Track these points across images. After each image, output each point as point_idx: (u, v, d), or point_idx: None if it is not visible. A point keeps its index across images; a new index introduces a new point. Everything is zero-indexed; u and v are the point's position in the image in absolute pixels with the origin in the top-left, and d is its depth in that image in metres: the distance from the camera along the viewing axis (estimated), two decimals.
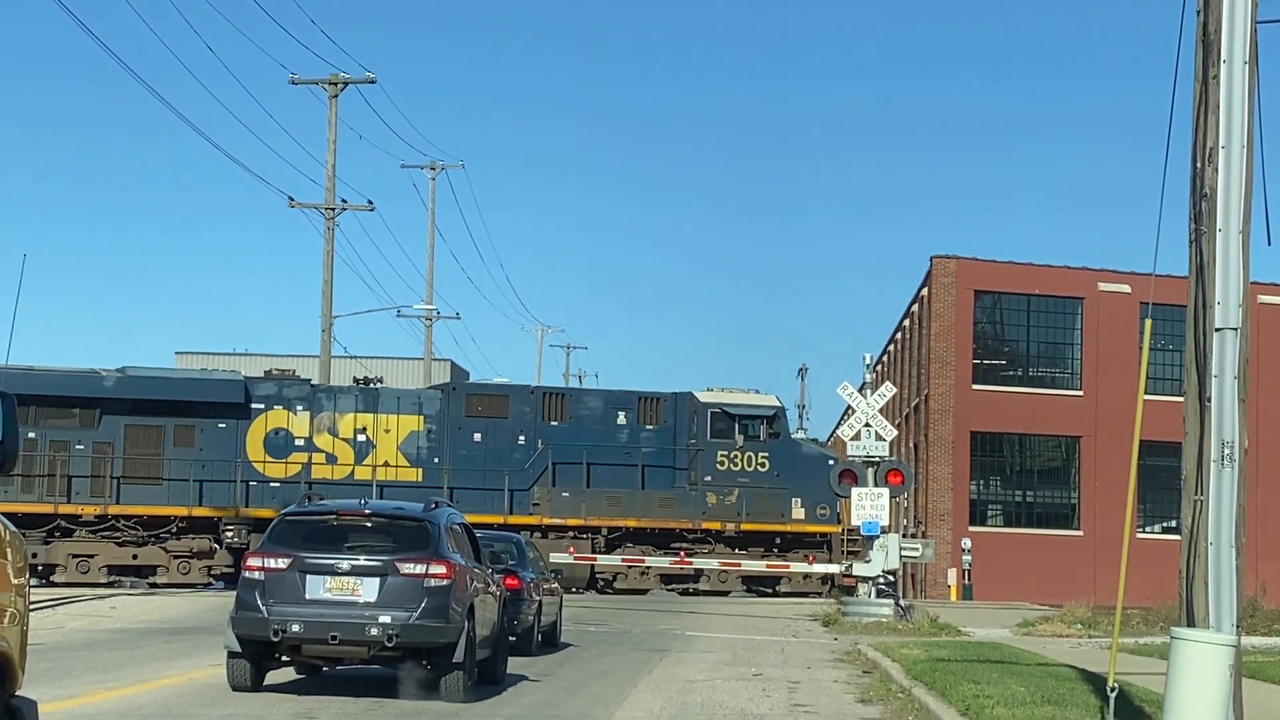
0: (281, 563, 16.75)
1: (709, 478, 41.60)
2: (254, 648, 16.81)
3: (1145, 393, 14.17)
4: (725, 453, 41.75)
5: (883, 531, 34.59)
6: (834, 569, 40.32)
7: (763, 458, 42.05)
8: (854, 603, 34.32)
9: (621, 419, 41.98)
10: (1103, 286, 57.15)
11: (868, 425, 35.21)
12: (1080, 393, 56.43)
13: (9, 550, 8.60)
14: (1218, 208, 12.43)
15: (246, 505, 39.90)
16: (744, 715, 16.56)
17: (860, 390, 36.51)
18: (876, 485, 34.94)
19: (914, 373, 61.46)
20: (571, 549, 40.31)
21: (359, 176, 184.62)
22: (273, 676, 17.57)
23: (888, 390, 37.19)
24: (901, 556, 35.21)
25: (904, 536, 41.98)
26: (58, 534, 39.21)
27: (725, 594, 42.10)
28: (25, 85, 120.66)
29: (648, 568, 41.14)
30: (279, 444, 40.62)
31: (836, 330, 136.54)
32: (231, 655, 16.90)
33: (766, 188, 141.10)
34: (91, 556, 39.17)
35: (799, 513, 41.55)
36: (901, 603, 34.83)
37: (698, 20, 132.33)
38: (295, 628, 16.43)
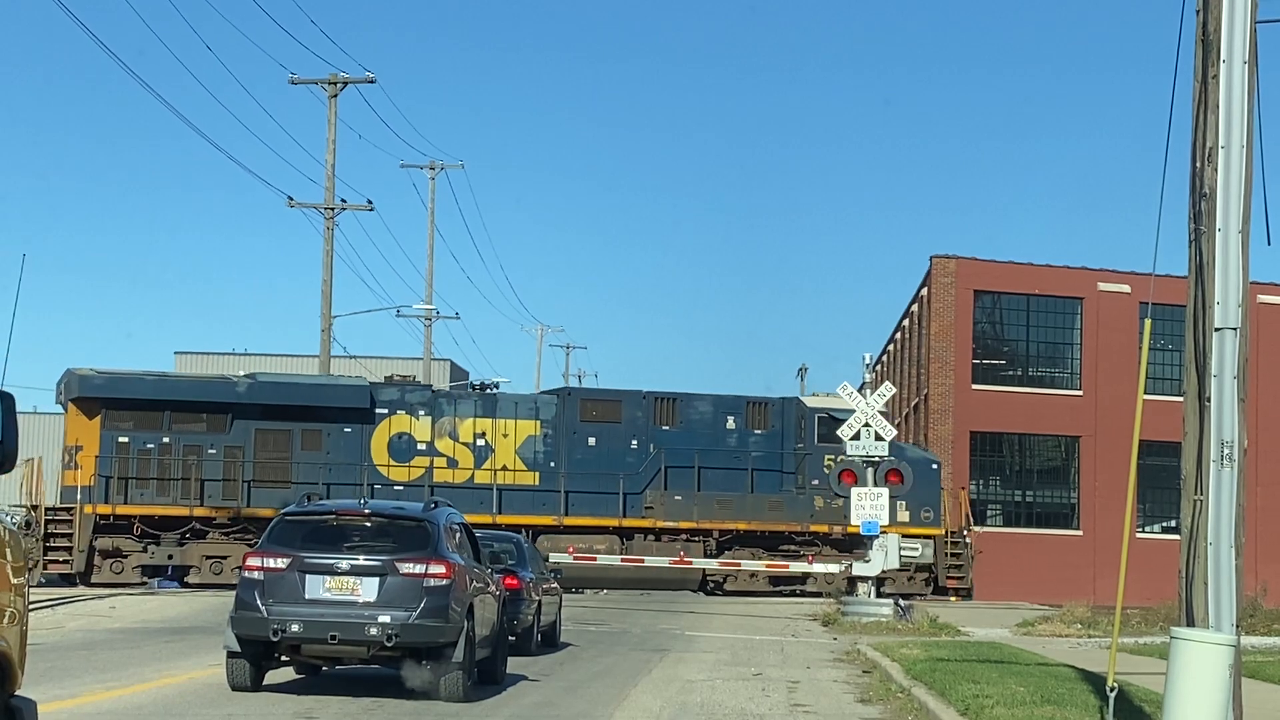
0: (281, 562, 16.75)
1: (816, 481, 42.20)
2: (254, 647, 16.81)
3: (1145, 393, 14.17)
4: (832, 457, 42.26)
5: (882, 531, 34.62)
6: (834, 569, 40.38)
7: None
8: (854, 602, 34.33)
9: (730, 423, 42.68)
10: (1102, 286, 57.15)
11: (867, 425, 35.22)
12: (1080, 393, 56.43)
13: (9, 550, 8.59)
14: (1217, 208, 12.43)
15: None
16: (744, 715, 16.57)
17: (860, 390, 36.52)
18: (876, 485, 34.95)
19: (914, 373, 61.46)
20: (571, 549, 40.48)
21: (359, 176, 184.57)
22: (273, 676, 17.57)
23: (887, 390, 37.20)
24: (901, 556, 35.21)
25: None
26: (191, 536, 40.09)
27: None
28: (25, 85, 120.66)
29: (650, 568, 41.37)
30: (402, 448, 41.44)
31: (836, 330, 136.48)
32: (231, 655, 16.90)
33: (766, 187, 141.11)
34: (224, 558, 39.94)
35: (903, 515, 42.13)
36: (901, 603, 34.84)
37: (698, 20, 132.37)
38: (295, 627, 16.44)
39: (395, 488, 40.36)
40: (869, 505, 34.52)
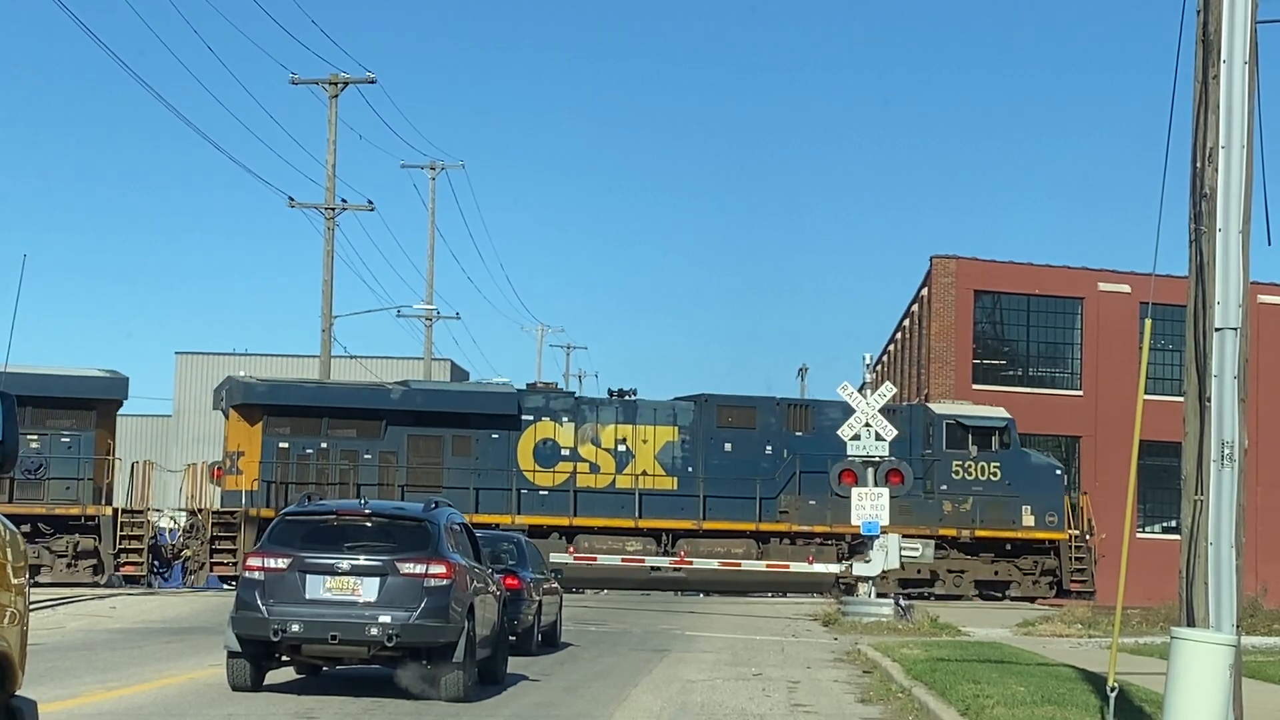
0: (281, 562, 16.75)
1: (944, 486, 42.95)
2: (254, 648, 16.81)
3: (1145, 393, 14.17)
4: (960, 463, 43.18)
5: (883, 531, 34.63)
6: (834, 569, 40.42)
7: (994, 467, 43.40)
8: (854, 602, 34.33)
9: None
10: (1103, 286, 57.16)
11: (868, 425, 35.21)
12: (1080, 393, 56.43)
13: (9, 550, 8.59)
14: (1218, 208, 12.43)
15: (519, 512, 41.32)
16: (744, 715, 16.57)
17: (860, 390, 36.52)
18: (876, 485, 34.95)
19: (914, 373, 61.47)
20: (571, 549, 40.70)
21: (359, 176, 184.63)
22: (273, 676, 17.57)
23: (888, 390, 37.19)
24: (902, 556, 35.22)
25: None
26: None
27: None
28: (25, 85, 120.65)
29: (651, 568, 41.48)
30: (547, 454, 42.07)
31: (836, 330, 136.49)
32: (231, 655, 16.90)
33: (766, 187, 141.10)
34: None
35: (1029, 520, 42.79)
36: (901, 603, 34.85)
37: (698, 20, 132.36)
38: (295, 628, 16.44)
39: (540, 492, 41.47)
40: (869, 505, 34.51)
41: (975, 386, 55.71)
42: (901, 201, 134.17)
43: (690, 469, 42.26)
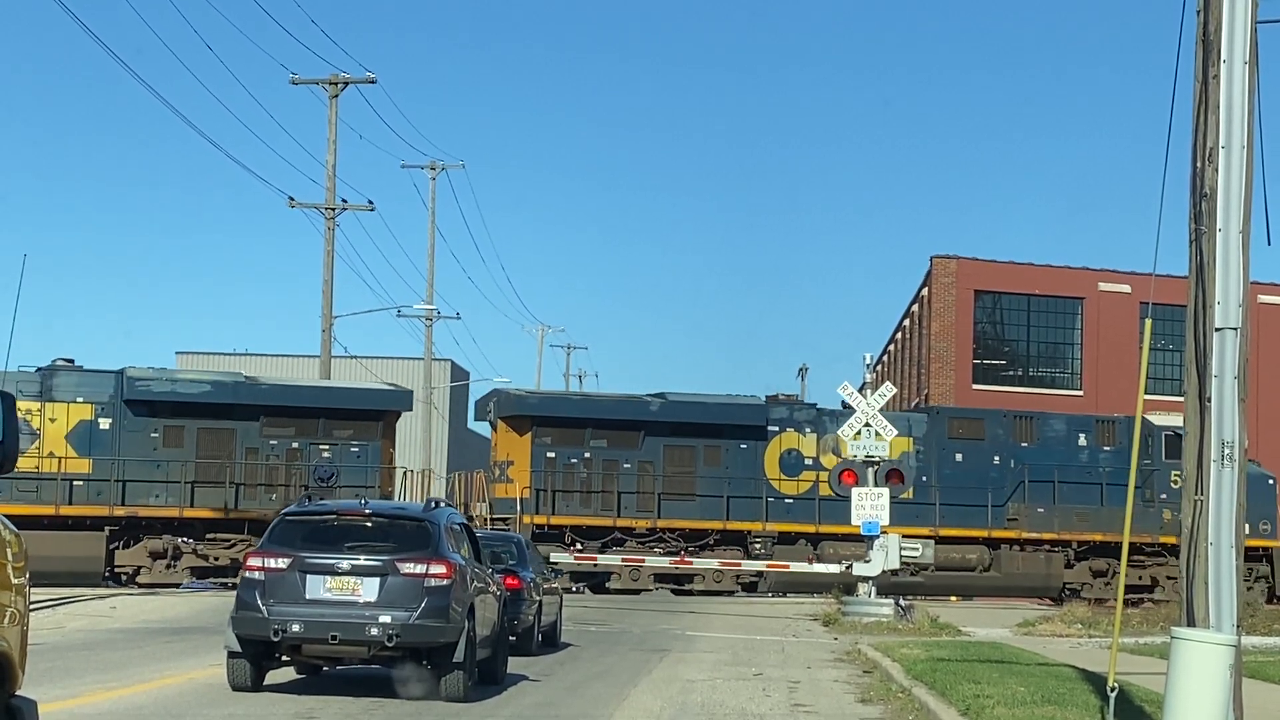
0: (281, 562, 16.74)
1: (1164, 495, 43.69)
2: (254, 647, 16.80)
3: (1145, 393, 14.16)
4: (1178, 473, 43.36)
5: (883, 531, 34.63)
6: (834, 569, 40.44)
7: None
8: (854, 602, 34.32)
9: (1082, 440, 44.89)
10: (1103, 286, 57.18)
11: (868, 425, 35.21)
12: (1080, 393, 56.45)
13: (9, 550, 8.59)
14: (1218, 208, 12.43)
15: (767, 520, 42.37)
16: (744, 715, 16.56)
17: (860, 390, 36.53)
18: (877, 485, 34.94)
19: (914, 373, 61.49)
20: (573, 549, 40.92)
21: (359, 176, 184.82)
22: (273, 676, 17.57)
23: (888, 390, 37.19)
24: (902, 556, 35.21)
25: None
26: (611, 544, 42.19)
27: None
28: (25, 85, 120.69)
29: (651, 569, 41.71)
30: (791, 463, 43.29)
31: (836, 330, 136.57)
32: (231, 655, 16.89)
33: (766, 187, 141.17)
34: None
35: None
36: (901, 602, 34.85)
37: (698, 20, 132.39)
38: (295, 627, 16.43)
39: (785, 501, 42.74)
40: (869, 505, 34.50)
41: (975, 386, 55.75)
42: (901, 201, 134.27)
43: (924, 478, 43.41)
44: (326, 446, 39.97)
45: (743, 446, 42.91)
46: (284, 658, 17.19)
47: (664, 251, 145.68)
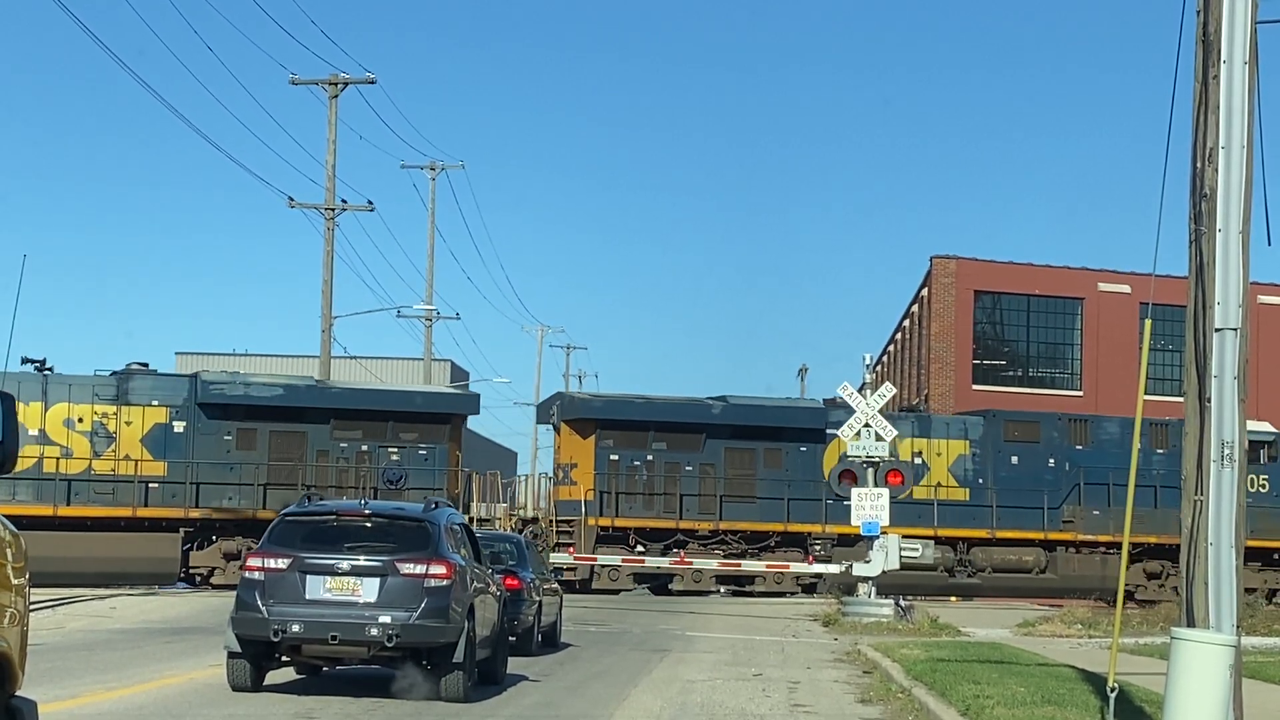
0: (281, 563, 16.73)
1: None
2: (254, 648, 16.80)
3: (1145, 393, 14.16)
4: None
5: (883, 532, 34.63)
6: (833, 569, 40.46)
7: (1263, 479, 44.86)
8: (854, 603, 34.32)
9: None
10: (1103, 286, 57.17)
11: (868, 425, 35.21)
12: (1080, 393, 56.43)
13: (9, 550, 8.59)
14: (1218, 208, 12.43)
15: (827, 521, 42.64)
16: (744, 715, 16.56)
17: (860, 390, 36.52)
18: (876, 485, 34.94)
19: (914, 373, 61.48)
20: (572, 549, 41.01)
21: (359, 176, 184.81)
22: (273, 676, 17.56)
23: (888, 390, 37.18)
24: (902, 556, 35.21)
25: None
26: (674, 546, 42.51)
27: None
28: (25, 85, 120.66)
29: (648, 569, 41.82)
30: None
31: (836, 330, 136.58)
32: (231, 655, 16.89)
33: (766, 187, 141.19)
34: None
35: None
36: (901, 603, 34.85)
37: (698, 20, 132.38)
38: (295, 628, 16.43)
39: (844, 503, 42.63)
40: (869, 505, 34.51)
41: (975, 387, 55.72)
42: (901, 201, 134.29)
43: (980, 480, 43.99)
44: (395, 449, 40.44)
45: (802, 449, 43.45)
46: (284, 658, 17.19)
47: (664, 251, 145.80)
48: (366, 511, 17.50)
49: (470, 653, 16.95)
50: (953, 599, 44.36)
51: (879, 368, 68.18)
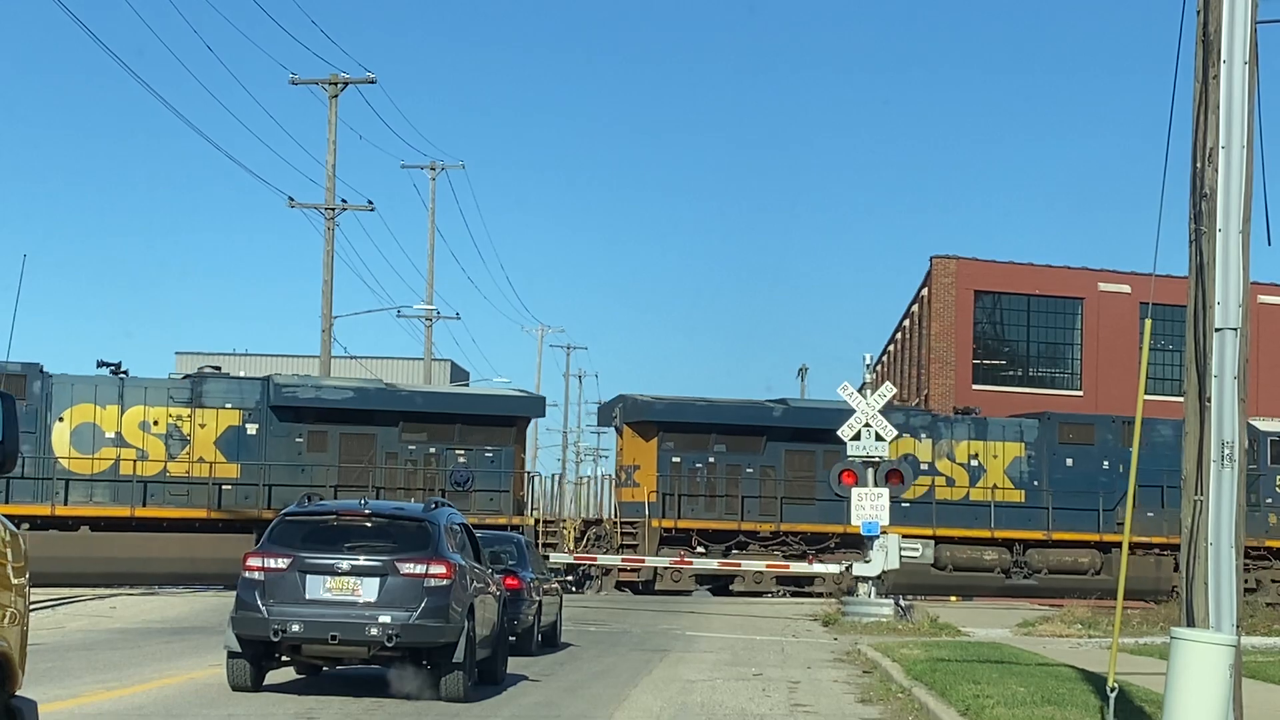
0: (281, 563, 16.74)
1: (1269, 500, 44.67)
2: (254, 648, 16.80)
3: (1145, 393, 14.16)
4: None
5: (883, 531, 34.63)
6: (833, 569, 40.52)
7: None
8: (854, 603, 34.31)
9: None
10: (1103, 286, 57.16)
11: (868, 425, 35.20)
12: (1080, 393, 56.43)
13: (9, 550, 8.59)
14: (1218, 208, 12.42)
15: (887, 523, 42.28)
16: (744, 715, 16.56)
17: (860, 390, 36.50)
18: (876, 485, 34.93)
19: (914, 373, 61.48)
20: (571, 549, 41.11)
21: (359, 176, 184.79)
22: (273, 676, 17.56)
23: (888, 390, 37.16)
24: (901, 556, 35.21)
25: None
26: (736, 548, 43.00)
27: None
28: (25, 85, 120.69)
29: (648, 567, 41.94)
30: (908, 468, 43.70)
31: (836, 330, 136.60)
32: (231, 655, 16.89)
33: (766, 187, 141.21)
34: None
35: None
36: (901, 603, 34.84)
37: (696, 20, 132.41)
38: (295, 628, 16.43)
39: (903, 505, 43.36)
40: (869, 505, 34.50)
41: (975, 387, 55.71)
42: (901, 201, 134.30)
43: (1036, 482, 44.42)
44: (462, 451, 40.92)
45: None
46: (284, 658, 17.19)
47: (664, 251, 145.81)
48: (366, 511, 17.50)
49: (470, 652, 16.95)
50: (952, 599, 44.38)
51: (879, 368, 68.18)
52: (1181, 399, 13.32)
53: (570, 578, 42.09)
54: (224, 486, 39.24)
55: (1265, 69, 13.02)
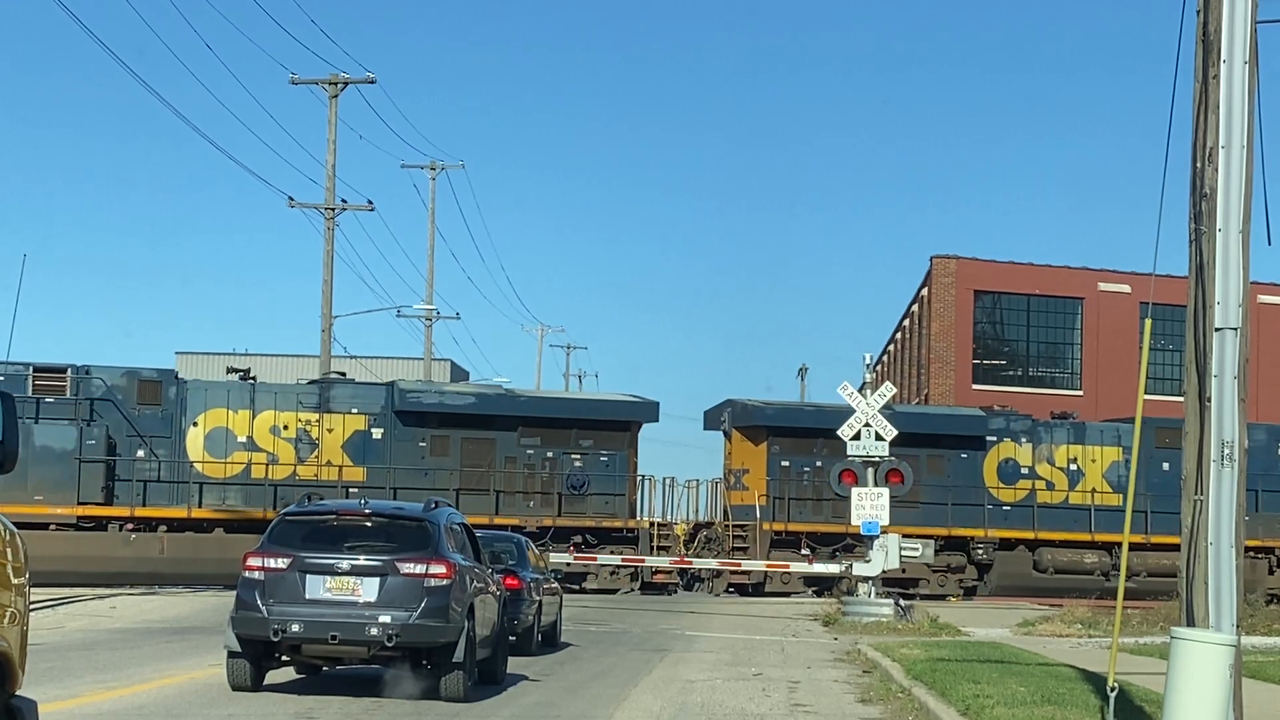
0: (281, 562, 16.74)
1: None
2: (254, 647, 16.80)
3: (1145, 393, 14.16)
4: None
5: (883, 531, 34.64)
6: (833, 569, 40.54)
7: None
8: (854, 602, 34.31)
9: None
10: (1103, 286, 57.18)
11: (868, 425, 35.21)
12: (1080, 393, 56.44)
13: (9, 550, 8.59)
14: (1218, 208, 12.43)
15: (988, 526, 44.03)
16: (744, 715, 16.57)
17: (860, 390, 36.50)
18: (876, 485, 34.94)
19: (914, 373, 61.49)
20: (571, 549, 41.04)
21: (359, 176, 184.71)
22: (273, 676, 17.57)
23: (888, 390, 37.16)
24: (902, 556, 35.22)
25: None
26: (843, 550, 42.97)
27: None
28: (25, 85, 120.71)
29: (654, 569, 42.07)
30: (1009, 472, 45.07)
31: (836, 330, 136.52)
32: (231, 655, 16.89)
33: (765, 187, 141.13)
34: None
35: None
36: (901, 602, 34.85)
37: (696, 19, 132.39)
38: (295, 627, 16.43)
39: (1004, 508, 44.46)
40: (869, 505, 34.50)
41: (975, 387, 55.72)
42: (901, 201, 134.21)
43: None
44: (578, 455, 41.65)
45: (963, 456, 44.45)
46: (284, 658, 17.19)
47: (664, 251, 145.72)
48: (366, 511, 17.51)
49: (470, 652, 16.96)
50: (952, 599, 44.41)
51: (879, 367, 68.20)
52: (1181, 399, 13.32)
53: (679, 581, 43.21)
54: (351, 490, 39.69)
55: (1265, 69, 13.03)
